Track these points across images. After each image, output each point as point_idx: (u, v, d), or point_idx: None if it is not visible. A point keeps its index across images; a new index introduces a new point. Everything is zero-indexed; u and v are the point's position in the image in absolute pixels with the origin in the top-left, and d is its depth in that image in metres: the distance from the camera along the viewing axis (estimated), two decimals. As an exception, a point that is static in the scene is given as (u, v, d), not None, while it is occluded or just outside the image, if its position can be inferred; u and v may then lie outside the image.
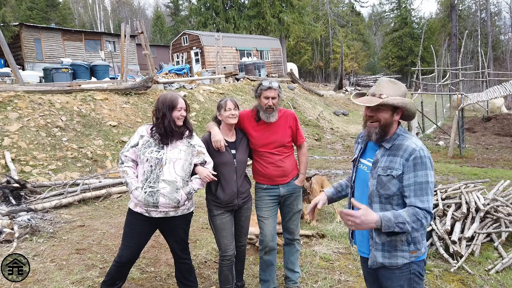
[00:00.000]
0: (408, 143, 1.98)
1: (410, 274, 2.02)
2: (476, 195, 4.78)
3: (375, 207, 2.04)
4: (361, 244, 2.22)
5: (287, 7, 33.48)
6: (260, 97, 3.10)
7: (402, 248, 1.99)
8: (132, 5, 59.21)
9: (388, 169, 1.98)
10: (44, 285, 3.47)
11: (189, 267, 3.09)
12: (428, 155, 1.95)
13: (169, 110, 2.82)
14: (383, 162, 2.02)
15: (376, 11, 61.94)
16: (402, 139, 2.02)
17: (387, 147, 2.04)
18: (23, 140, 7.71)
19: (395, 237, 1.98)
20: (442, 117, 19.26)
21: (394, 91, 2.03)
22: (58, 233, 4.78)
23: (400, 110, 2.04)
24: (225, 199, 3.05)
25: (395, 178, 1.96)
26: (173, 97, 2.86)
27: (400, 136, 2.04)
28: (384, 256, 2.01)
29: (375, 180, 2.03)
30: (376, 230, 1.95)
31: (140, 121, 10.48)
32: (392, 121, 2.05)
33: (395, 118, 2.05)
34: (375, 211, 2.02)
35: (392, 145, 2.03)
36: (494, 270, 3.72)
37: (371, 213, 1.86)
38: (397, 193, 1.98)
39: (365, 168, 2.16)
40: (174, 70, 17.83)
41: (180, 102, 2.85)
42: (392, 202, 2.00)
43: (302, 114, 16.56)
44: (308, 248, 4.38)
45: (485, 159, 10.58)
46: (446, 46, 31.10)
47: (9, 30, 20.22)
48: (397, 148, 2.00)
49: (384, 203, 2.01)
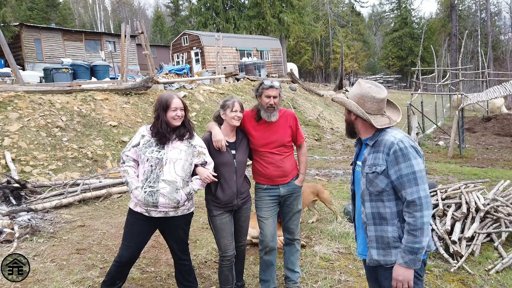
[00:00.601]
0: (387, 137, 2.01)
1: None
2: (476, 195, 4.78)
3: (366, 205, 2.08)
4: (359, 245, 2.25)
5: (287, 7, 33.47)
6: (261, 96, 3.10)
7: (395, 244, 2.01)
8: (132, 5, 59.21)
9: (373, 166, 2.02)
10: (44, 285, 3.47)
11: (189, 268, 3.09)
12: (410, 144, 1.96)
13: (163, 110, 2.81)
14: (369, 160, 2.06)
15: (376, 11, 61.99)
16: (383, 135, 2.05)
17: (371, 144, 2.08)
18: (23, 140, 7.72)
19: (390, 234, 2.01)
20: (442, 117, 19.26)
21: (355, 89, 2.14)
22: (58, 233, 4.78)
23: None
24: (224, 200, 3.05)
25: (380, 174, 1.99)
26: (168, 97, 2.83)
27: (382, 132, 2.07)
28: (379, 254, 2.04)
29: (364, 178, 2.07)
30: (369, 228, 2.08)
31: (140, 121, 10.49)
32: (350, 118, 2.16)
33: (352, 117, 2.15)
34: (367, 209, 2.08)
35: (375, 141, 2.07)
36: (494, 270, 3.72)
37: (395, 270, 1.98)
38: (386, 189, 2.00)
39: (359, 169, 2.20)
40: (174, 70, 17.83)
41: (174, 102, 2.81)
42: (383, 198, 2.01)
43: (302, 114, 16.56)
44: (308, 248, 4.38)
45: (485, 159, 10.58)
46: (446, 46, 31.10)
47: (10, 30, 20.22)
48: (379, 144, 2.04)
49: (375, 200, 2.04)
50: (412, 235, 1.90)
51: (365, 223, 2.10)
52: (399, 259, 1.95)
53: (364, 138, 2.15)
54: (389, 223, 2.01)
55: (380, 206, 2.02)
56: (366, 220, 2.09)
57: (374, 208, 2.04)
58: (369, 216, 2.07)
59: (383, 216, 2.02)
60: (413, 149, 1.95)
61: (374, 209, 2.04)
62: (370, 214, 2.06)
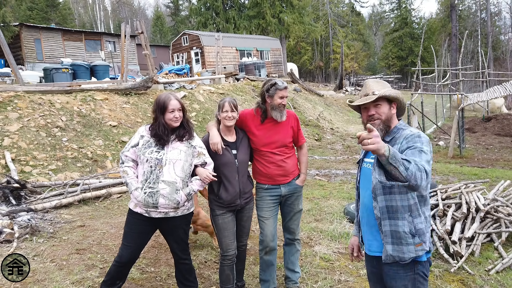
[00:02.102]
0: (405, 132, 2.06)
1: (415, 274, 2.01)
2: (476, 195, 4.77)
3: (379, 199, 2.05)
4: (372, 243, 2.20)
5: (287, 7, 33.48)
6: (273, 97, 3.10)
7: (407, 240, 2.00)
8: (132, 5, 59.19)
9: None
10: (44, 285, 3.46)
11: (189, 267, 3.09)
12: (426, 138, 1.99)
13: (161, 112, 2.81)
14: None
15: (376, 11, 62.00)
16: (401, 131, 2.10)
17: (388, 139, 2.09)
18: (23, 140, 7.71)
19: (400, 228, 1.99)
20: (442, 117, 19.25)
21: (382, 87, 2.14)
22: (58, 233, 4.78)
23: (394, 102, 2.15)
24: (227, 199, 3.05)
25: None
26: (166, 99, 2.82)
27: (400, 129, 2.11)
28: (394, 249, 2.02)
29: (376, 171, 2.04)
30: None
31: (140, 121, 10.48)
32: (391, 114, 2.15)
33: (393, 111, 2.15)
34: (380, 203, 2.06)
35: (392, 137, 2.09)
36: (494, 270, 3.72)
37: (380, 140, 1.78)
38: None
39: (368, 166, 2.19)
40: (174, 70, 17.84)
41: (172, 104, 2.80)
42: (395, 191, 2.01)
43: (302, 114, 16.56)
44: (308, 248, 4.38)
45: (485, 159, 10.58)
46: (446, 46, 31.07)
47: (9, 30, 20.21)
48: (396, 139, 2.07)
49: (388, 193, 2.02)
50: (408, 162, 1.75)
51: (379, 218, 2.07)
52: (390, 146, 1.76)
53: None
54: (399, 217, 2.00)
55: (392, 199, 2.02)
56: (380, 215, 2.06)
57: (388, 201, 2.03)
58: (383, 210, 2.05)
59: (395, 209, 2.02)
60: (427, 140, 1.99)
61: (388, 202, 2.03)
62: (384, 208, 2.04)
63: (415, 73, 18.03)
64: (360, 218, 2.31)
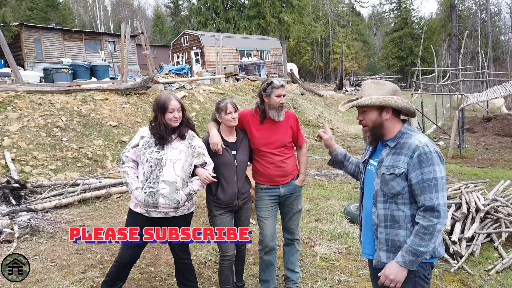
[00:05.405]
0: (411, 141, 1.96)
1: (415, 277, 1.98)
2: (476, 195, 4.78)
3: (379, 207, 2.03)
4: (366, 246, 2.20)
5: (287, 7, 33.46)
6: (270, 95, 3.09)
7: None
8: (132, 5, 59.16)
9: (391, 168, 1.98)
10: (44, 285, 3.47)
11: (189, 267, 3.09)
12: (435, 150, 1.92)
13: (161, 112, 2.81)
14: (388, 161, 2.01)
15: (376, 11, 61.94)
16: (407, 138, 2.00)
17: (392, 145, 2.03)
18: (23, 140, 7.71)
19: (402, 238, 1.97)
20: (442, 117, 19.26)
21: (375, 91, 2.04)
22: (58, 233, 4.78)
23: (388, 108, 2.02)
24: (225, 200, 3.05)
25: (398, 177, 1.95)
26: (166, 99, 2.83)
27: (405, 134, 2.02)
28: (388, 257, 2.00)
29: (379, 179, 2.03)
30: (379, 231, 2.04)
31: (140, 121, 10.49)
32: (381, 121, 2.04)
33: (386, 117, 2.03)
34: (379, 211, 2.03)
35: (397, 143, 2.02)
36: (494, 271, 3.73)
37: (389, 267, 1.94)
38: (402, 192, 1.95)
39: (372, 168, 2.16)
40: (174, 70, 17.85)
41: (172, 104, 2.80)
42: (397, 201, 1.97)
43: (302, 114, 16.56)
44: (308, 248, 4.38)
45: (485, 159, 10.58)
46: (446, 46, 31.09)
47: (9, 30, 20.20)
48: (402, 146, 1.99)
49: (389, 202, 1.99)
50: (421, 238, 1.86)
51: (376, 224, 2.05)
52: (398, 257, 1.91)
53: (386, 139, 2.09)
54: (401, 227, 1.97)
55: (393, 209, 1.98)
56: (377, 222, 2.04)
57: (387, 210, 2.00)
58: (381, 218, 2.02)
59: (396, 219, 1.98)
60: (437, 154, 1.91)
61: (387, 211, 2.00)
62: (382, 216, 2.02)
63: (415, 73, 18.02)
64: (361, 217, 2.31)
